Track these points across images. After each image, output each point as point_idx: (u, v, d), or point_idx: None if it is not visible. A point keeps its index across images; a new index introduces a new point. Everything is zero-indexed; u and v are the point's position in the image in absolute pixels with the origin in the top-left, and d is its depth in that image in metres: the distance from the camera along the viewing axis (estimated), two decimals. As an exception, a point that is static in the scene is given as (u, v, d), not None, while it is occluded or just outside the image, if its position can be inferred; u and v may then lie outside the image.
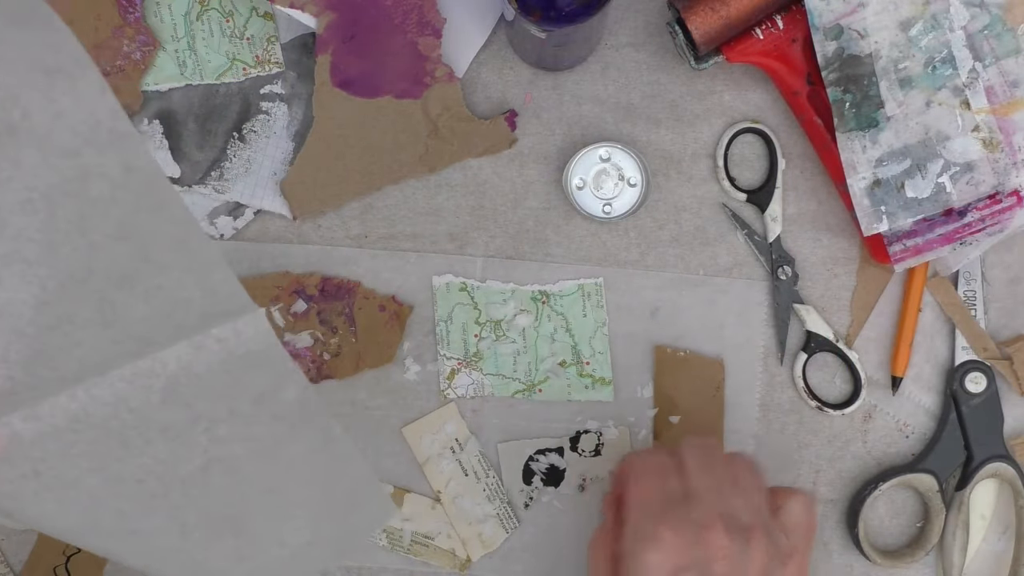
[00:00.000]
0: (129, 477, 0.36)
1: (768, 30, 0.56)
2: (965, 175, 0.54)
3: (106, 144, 0.32)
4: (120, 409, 0.35)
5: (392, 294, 0.60)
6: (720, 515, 0.47)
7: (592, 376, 0.60)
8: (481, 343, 0.60)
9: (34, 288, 0.32)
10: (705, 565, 0.45)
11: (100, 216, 0.33)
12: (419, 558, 0.61)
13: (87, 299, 0.33)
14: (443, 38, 0.58)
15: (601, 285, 0.60)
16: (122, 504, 0.37)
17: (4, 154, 0.31)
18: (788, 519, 0.49)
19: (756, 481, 0.50)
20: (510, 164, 0.60)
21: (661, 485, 0.49)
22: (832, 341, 0.60)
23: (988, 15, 0.53)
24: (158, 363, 0.35)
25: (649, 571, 0.46)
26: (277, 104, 0.60)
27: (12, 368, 0.33)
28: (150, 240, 0.34)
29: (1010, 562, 0.59)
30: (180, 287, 0.35)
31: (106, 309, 0.34)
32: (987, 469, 0.59)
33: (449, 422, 0.60)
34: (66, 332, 0.33)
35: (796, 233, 0.60)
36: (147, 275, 0.34)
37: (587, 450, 0.60)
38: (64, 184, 0.32)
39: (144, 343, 0.34)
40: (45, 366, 0.33)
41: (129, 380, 0.34)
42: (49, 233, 0.32)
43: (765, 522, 0.48)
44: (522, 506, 0.61)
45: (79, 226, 0.33)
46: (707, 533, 0.46)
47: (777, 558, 0.47)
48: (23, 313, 0.32)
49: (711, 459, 0.50)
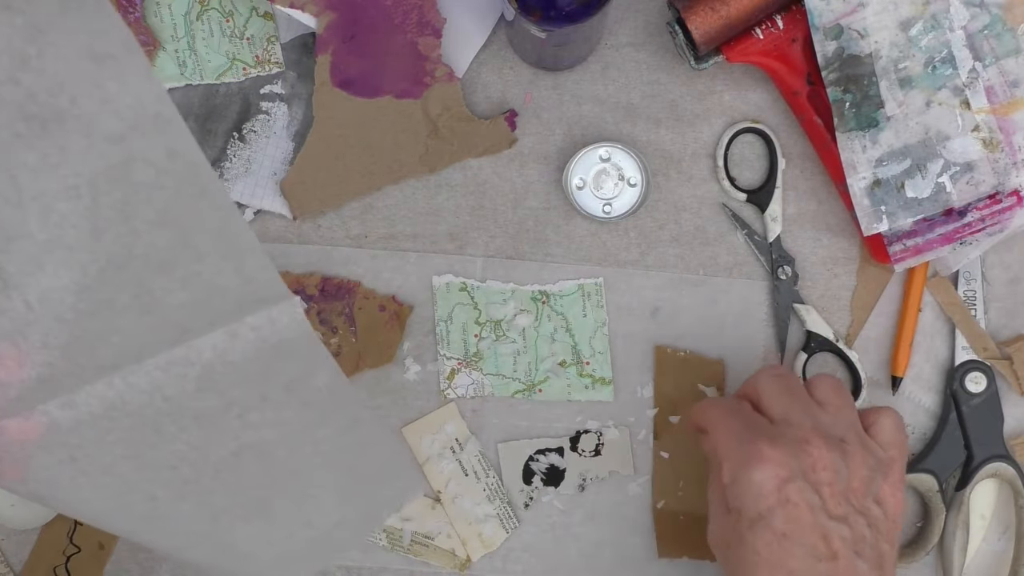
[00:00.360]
0: (162, 463, 0.37)
1: (768, 30, 0.56)
2: (965, 175, 0.54)
3: (151, 129, 0.32)
4: (155, 397, 0.35)
5: (392, 294, 0.60)
6: (814, 429, 0.47)
7: (592, 376, 0.60)
8: (481, 343, 0.60)
9: (76, 274, 0.32)
10: (809, 473, 0.46)
11: (143, 202, 0.33)
12: (419, 558, 0.61)
13: (126, 285, 0.33)
14: (443, 38, 0.58)
15: (601, 285, 0.60)
16: (155, 489, 0.37)
17: (52, 141, 0.31)
18: (881, 435, 0.50)
19: (843, 399, 0.50)
20: (510, 164, 0.60)
21: (745, 418, 0.49)
22: (832, 341, 0.60)
23: (988, 15, 0.53)
24: (193, 351, 0.35)
25: (757, 488, 0.46)
26: (277, 104, 0.60)
27: (52, 354, 0.33)
28: (190, 226, 0.34)
29: (1010, 562, 0.59)
30: (218, 274, 0.35)
31: (144, 295, 0.34)
32: (987, 469, 0.59)
33: (449, 422, 0.60)
34: (105, 318, 0.33)
35: (796, 233, 0.60)
36: (186, 261, 0.34)
37: (587, 450, 0.60)
38: (109, 170, 0.32)
39: (181, 330, 0.35)
40: (84, 353, 0.33)
41: (165, 368, 0.35)
42: (92, 219, 0.32)
43: (859, 434, 0.49)
44: (522, 506, 0.61)
45: (122, 212, 0.33)
46: (805, 446, 0.46)
47: (877, 468, 0.48)
48: (64, 299, 0.33)
49: (788, 384, 0.50)
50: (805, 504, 0.46)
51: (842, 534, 0.46)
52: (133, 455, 0.36)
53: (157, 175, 0.33)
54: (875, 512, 0.47)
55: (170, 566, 0.61)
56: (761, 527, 0.46)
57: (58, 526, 0.60)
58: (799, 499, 0.46)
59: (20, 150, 0.31)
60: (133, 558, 0.61)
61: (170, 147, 0.33)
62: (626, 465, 0.60)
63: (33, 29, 0.30)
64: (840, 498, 0.46)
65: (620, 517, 0.60)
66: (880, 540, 0.47)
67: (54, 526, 0.60)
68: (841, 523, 0.46)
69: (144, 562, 0.61)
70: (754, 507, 0.46)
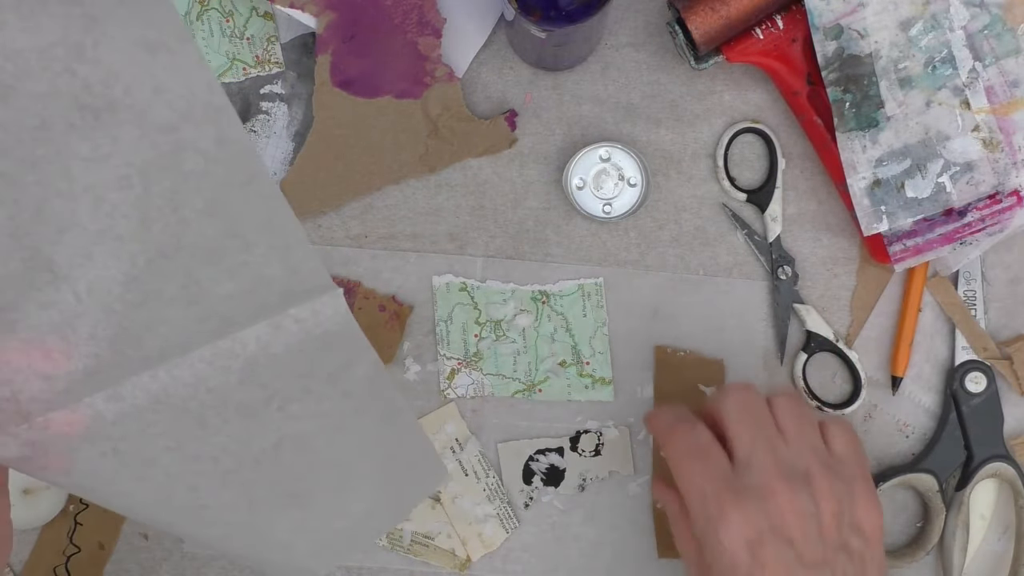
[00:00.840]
0: (205, 455, 0.37)
1: (768, 30, 0.56)
2: (965, 175, 0.54)
3: (202, 118, 0.32)
4: (199, 389, 0.35)
5: (392, 294, 0.60)
6: (775, 472, 0.46)
7: (592, 376, 0.60)
8: (481, 343, 0.60)
9: (125, 264, 0.32)
10: (778, 529, 0.45)
11: (192, 191, 0.33)
12: (419, 558, 0.61)
13: (174, 276, 0.33)
14: (443, 38, 0.58)
15: (601, 285, 0.60)
16: (196, 480, 0.37)
17: (105, 131, 0.31)
18: (837, 447, 0.49)
19: (802, 420, 0.49)
20: (510, 164, 0.60)
21: (707, 464, 0.48)
22: (832, 341, 0.60)
23: (988, 15, 0.53)
24: (238, 343, 0.35)
25: (729, 554, 0.45)
26: (277, 104, 0.60)
27: (99, 346, 0.33)
28: (238, 216, 0.34)
29: (1010, 562, 0.59)
30: (264, 264, 0.35)
31: (191, 286, 0.34)
32: (987, 469, 0.59)
33: (449, 422, 0.60)
34: (152, 309, 0.33)
35: (796, 233, 0.60)
36: (233, 252, 0.34)
37: (587, 450, 0.60)
38: (160, 159, 0.32)
39: (226, 322, 0.34)
40: (130, 344, 0.33)
41: (209, 361, 0.35)
42: (142, 209, 0.32)
43: (821, 459, 0.48)
44: (522, 506, 0.61)
45: (171, 201, 0.33)
46: (772, 497, 0.46)
47: (844, 491, 0.47)
48: (112, 290, 0.32)
49: (752, 412, 0.49)
50: (780, 564, 0.45)
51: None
52: (176, 447, 0.36)
53: (207, 164, 0.33)
54: (854, 543, 0.47)
55: (170, 566, 0.61)
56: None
57: (58, 526, 0.60)
58: (772, 560, 0.45)
59: (74, 141, 0.31)
60: (133, 558, 0.61)
61: (220, 135, 0.32)
62: (626, 465, 0.60)
63: (89, 19, 0.30)
64: (814, 543, 0.46)
65: (620, 517, 0.60)
66: (865, 567, 0.47)
67: (54, 526, 0.60)
68: (821, 568, 0.45)
69: (144, 562, 0.61)
70: (730, 572, 0.45)
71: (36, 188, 0.31)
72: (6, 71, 0.29)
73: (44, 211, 0.31)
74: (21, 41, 0.29)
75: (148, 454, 0.35)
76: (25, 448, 0.33)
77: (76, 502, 0.61)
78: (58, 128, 0.30)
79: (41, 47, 0.30)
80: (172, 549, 0.61)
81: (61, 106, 0.30)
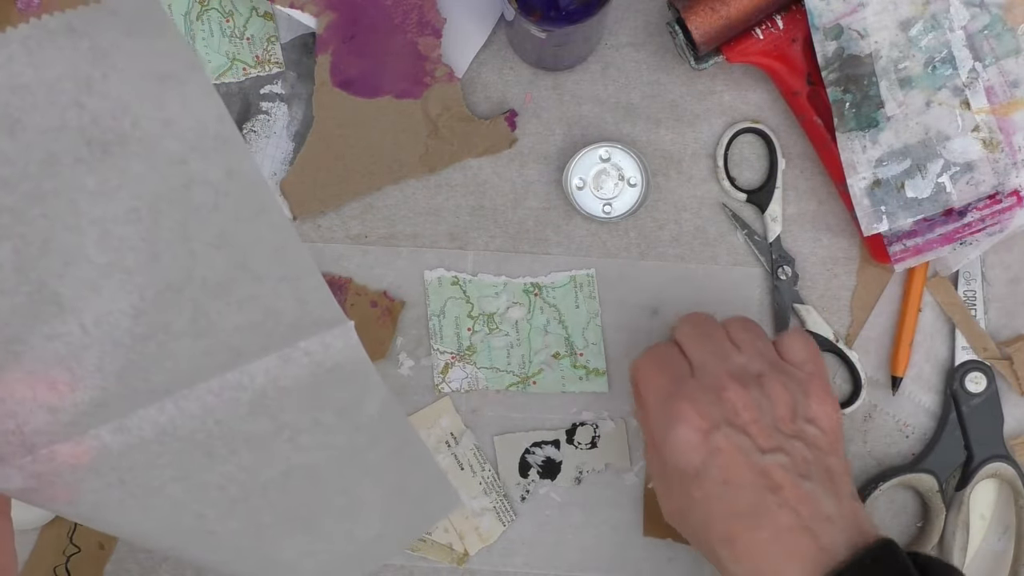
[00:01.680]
0: (212, 484, 0.36)
1: (768, 30, 0.56)
2: (965, 175, 0.54)
3: (211, 150, 0.32)
4: (207, 421, 0.35)
5: (384, 290, 0.60)
6: (727, 373, 0.48)
7: (586, 367, 0.60)
8: (474, 337, 0.60)
9: (133, 298, 0.32)
10: (732, 418, 0.47)
11: (201, 223, 0.32)
12: (416, 553, 0.61)
13: (183, 308, 0.33)
14: (443, 38, 0.58)
15: (593, 276, 0.60)
16: (203, 508, 0.37)
17: (113, 164, 0.31)
18: (792, 356, 0.51)
19: (753, 333, 0.51)
20: (510, 164, 0.60)
21: (664, 370, 0.50)
22: (832, 341, 0.60)
23: (988, 15, 0.53)
24: (246, 376, 0.34)
25: (682, 445, 0.47)
26: (277, 104, 0.60)
27: (107, 379, 0.33)
28: (248, 247, 0.33)
29: (1010, 562, 0.59)
30: (274, 296, 0.34)
31: (200, 319, 0.33)
32: (987, 469, 0.59)
33: (444, 416, 0.61)
34: (160, 342, 0.33)
35: (796, 233, 0.60)
36: (243, 284, 0.34)
37: (583, 442, 0.60)
38: (169, 192, 0.32)
39: (234, 354, 0.34)
40: (137, 377, 0.33)
41: (217, 393, 0.34)
42: (151, 242, 0.32)
43: (774, 364, 0.49)
44: (519, 499, 0.61)
45: (181, 234, 0.32)
46: (722, 392, 0.47)
47: (798, 389, 0.48)
48: (120, 323, 0.32)
49: (704, 330, 0.51)
50: (734, 448, 0.46)
51: (781, 463, 0.46)
52: (183, 477, 0.35)
53: (216, 196, 0.32)
54: (810, 432, 0.48)
55: (170, 566, 0.61)
56: (700, 480, 0.47)
57: (58, 526, 0.60)
58: (727, 445, 0.46)
59: (81, 175, 0.31)
60: (133, 558, 0.61)
61: (229, 167, 0.32)
62: (622, 457, 0.60)
63: (98, 52, 0.30)
64: (769, 431, 0.47)
65: (617, 508, 0.60)
66: (824, 456, 0.48)
67: (54, 526, 0.60)
68: (776, 453, 0.46)
69: (144, 562, 0.61)
70: (688, 464, 0.47)
71: (42, 221, 0.31)
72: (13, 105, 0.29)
73: (50, 244, 0.31)
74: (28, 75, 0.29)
75: (155, 484, 0.35)
76: (30, 480, 0.33)
77: (76, 502, 0.61)
78: (65, 162, 0.30)
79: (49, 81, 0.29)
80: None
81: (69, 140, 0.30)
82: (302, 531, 0.40)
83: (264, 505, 0.38)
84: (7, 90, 0.29)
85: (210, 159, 0.32)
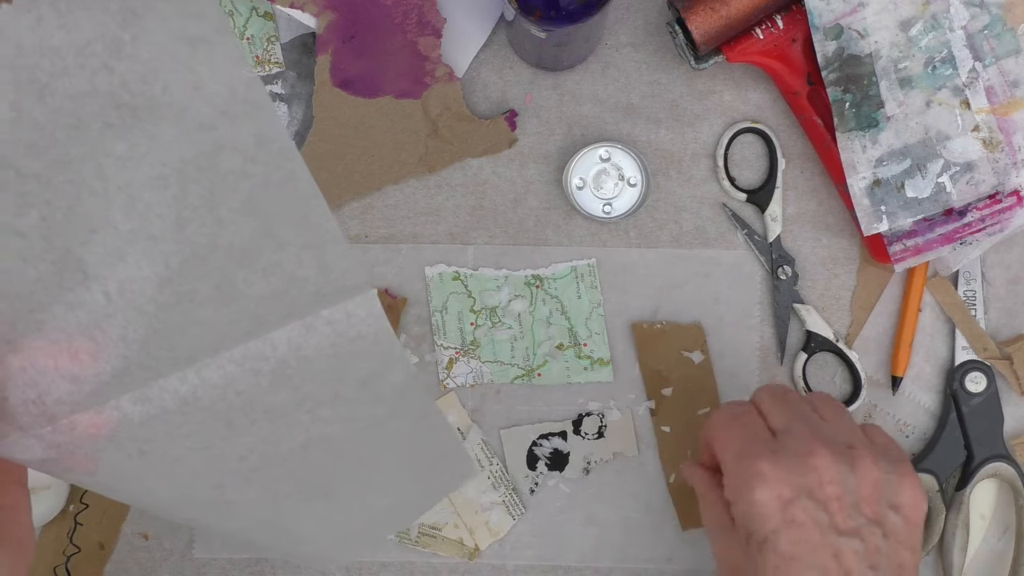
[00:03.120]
0: (232, 455, 0.36)
1: (768, 30, 0.56)
2: (965, 175, 0.54)
3: (241, 115, 0.31)
4: (228, 392, 0.34)
5: (385, 287, 0.60)
6: (816, 439, 0.46)
7: (590, 357, 0.60)
8: (477, 331, 0.60)
9: (158, 265, 0.32)
10: (815, 490, 0.44)
11: (229, 190, 0.32)
12: (428, 549, 0.61)
13: (208, 276, 0.32)
14: (443, 38, 0.58)
15: (594, 266, 0.60)
16: (222, 479, 0.37)
17: (142, 129, 0.30)
18: (877, 440, 0.48)
19: (840, 409, 0.49)
20: (510, 164, 0.60)
21: (744, 428, 0.48)
22: (832, 341, 0.60)
23: (988, 15, 0.53)
24: (268, 345, 0.34)
25: (759, 509, 0.44)
26: (277, 104, 0.60)
27: (129, 348, 0.32)
28: (274, 214, 0.33)
29: (1010, 562, 0.59)
30: (298, 264, 0.34)
31: (225, 287, 0.33)
32: (987, 469, 0.59)
33: (450, 412, 0.61)
34: (185, 310, 0.32)
35: (796, 233, 0.60)
36: (268, 251, 0.33)
37: (590, 433, 0.60)
38: (198, 158, 0.31)
39: (258, 322, 0.34)
40: (160, 346, 0.33)
41: (239, 363, 0.34)
42: (178, 209, 0.31)
43: (862, 439, 0.47)
44: (527, 492, 0.61)
45: (208, 201, 0.32)
46: (809, 458, 0.45)
47: (890, 469, 0.46)
48: (145, 291, 0.32)
49: (788, 397, 0.49)
50: (812, 523, 0.44)
51: (855, 548, 0.44)
52: (203, 447, 0.35)
53: (244, 162, 0.32)
54: (891, 520, 0.45)
55: (169, 566, 0.61)
56: (768, 550, 0.44)
57: (58, 526, 0.60)
58: (805, 518, 0.44)
59: (110, 140, 0.30)
60: (133, 558, 0.61)
61: (259, 133, 0.31)
62: (630, 446, 0.60)
63: (128, 13, 0.29)
64: (850, 511, 0.44)
65: (626, 497, 0.60)
66: (899, 549, 0.45)
67: (54, 526, 0.60)
68: (852, 537, 0.44)
69: (144, 562, 0.61)
70: (759, 529, 0.44)
71: (68, 187, 0.30)
72: (42, 68, 0.28)
73: (76, 210, 0.30)
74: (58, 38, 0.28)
75: (174, 455, 0.35)
76: (50, 450, 0.33)
77: (76, 502, 0.61)
78: (94, 127, 0.30)
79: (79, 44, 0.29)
80: (172, 550, 0.61)
81: (98, 105, 0.29)
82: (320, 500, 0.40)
83: (283, 475, 0.38)
84: (36, 53, 0.28)
85: (240, 124, 0.31)
